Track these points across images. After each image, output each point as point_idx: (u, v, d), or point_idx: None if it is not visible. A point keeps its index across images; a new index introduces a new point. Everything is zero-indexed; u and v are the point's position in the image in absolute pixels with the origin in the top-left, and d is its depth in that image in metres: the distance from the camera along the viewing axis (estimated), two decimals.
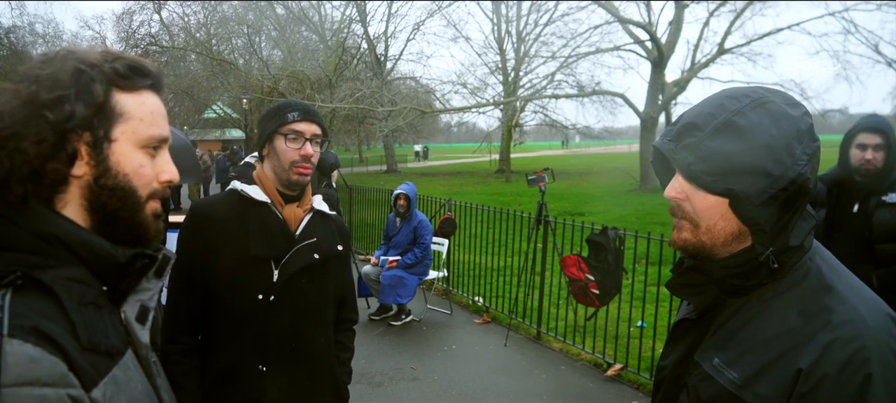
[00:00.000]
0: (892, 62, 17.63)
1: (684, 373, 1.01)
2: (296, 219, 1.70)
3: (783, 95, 0.95)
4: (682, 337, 1.06)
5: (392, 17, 28.52)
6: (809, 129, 0.92)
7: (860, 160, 2.79)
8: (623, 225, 4.92)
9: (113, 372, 0.77)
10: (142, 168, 0.86)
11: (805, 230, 0.94)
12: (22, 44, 24.74)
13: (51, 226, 0.77)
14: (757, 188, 0.88)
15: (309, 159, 1.64)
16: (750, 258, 0.92)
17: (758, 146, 0.88)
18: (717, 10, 19.58)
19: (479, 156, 39.53)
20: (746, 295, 0.96)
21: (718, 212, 0.93)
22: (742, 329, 0.93)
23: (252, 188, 1.67)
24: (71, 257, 0.78)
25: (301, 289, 1.66)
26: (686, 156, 0.93)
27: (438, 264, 6.33)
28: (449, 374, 4.58)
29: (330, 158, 6.60)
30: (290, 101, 1.68)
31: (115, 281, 0.84)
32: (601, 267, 4.46)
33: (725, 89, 0.98)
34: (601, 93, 24.28)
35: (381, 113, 20.32)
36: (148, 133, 0.86)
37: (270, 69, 25.26)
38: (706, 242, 0.96)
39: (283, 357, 1.65)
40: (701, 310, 1.03)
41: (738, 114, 0.91)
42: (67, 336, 0.72)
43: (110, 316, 0.82)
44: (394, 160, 32.99)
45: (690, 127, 0.94)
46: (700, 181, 0.92)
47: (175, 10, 26.35)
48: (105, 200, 0.82)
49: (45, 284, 0.73)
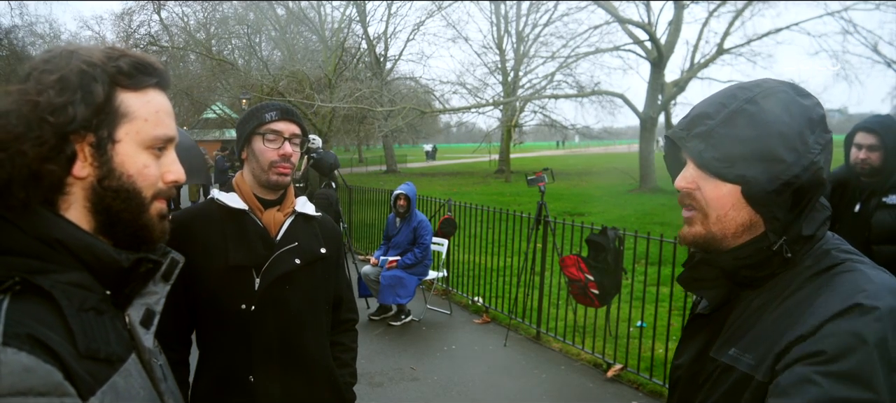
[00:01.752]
0: (891, 62, 17.64)
1: (701, 371, 0.99)
2: (276, 224, 1.66)
3: (794, 86, 0.94)
4: (697, 334, 1.05)
5: (392, 17, 28.56)
6: (821, 119, 0.91)
7: (856, 159, 2.81)
8: (622, 226, 4.93)
9: (113, 380, 0.76)
10: (146, 168, 0.84)
11: (818, 220, 0.92)
12: (22, 44, 24.73)
13: (54, 230, 0.76)
14: (770, 174, 0.87)
15: (288, 159, 1.61)
16: (762, 247, 0.91)
17: (770, 133, 0.88)
18: (717, 11, 19.59)
19: (478, 157, 39.53)
20: (759, 287, 0.94)
21: (730, 201, 0.92)
22: (757, 319, 0.92)
23: (229, 196, 1.64)
24: (73, 261, 0.77)
25: (284, 296, 1.63)
26: (697, 144, 0.92)
27: (438, 264, 6.34)
28: (448, 374, 4.58)
29: (329, 158, 6.60)
30: (267, 102, 1.65)
31: (118, 285, 0.83)
32: (601, 267, 4.47)
33: (736, 82, 0.97)
34: (600, 94, 24.25)
35: (380, 113, 20.31)
36: (153, 133, 0.84)
37: (270, 69, 25.25)
38: (716, 233, 0.94)
39: (271, 365, 1.62)
40: (715, 305, 1.01)
41: (750, 101, 0.90)
42: (65, 344, 0.71)
43: (112, 322, 0.81)
44: (393, 160, 32.99)
45: (702, 116, 0.94)
46: (712, 168, 0.91)
47: (174, 11, 26.35)
48: (109, 202, 0.81)
49: (44, 290, 0.72)
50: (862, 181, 2.85)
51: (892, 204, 2.75)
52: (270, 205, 1.66)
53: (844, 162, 2.92)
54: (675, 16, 18.70)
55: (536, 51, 27.53)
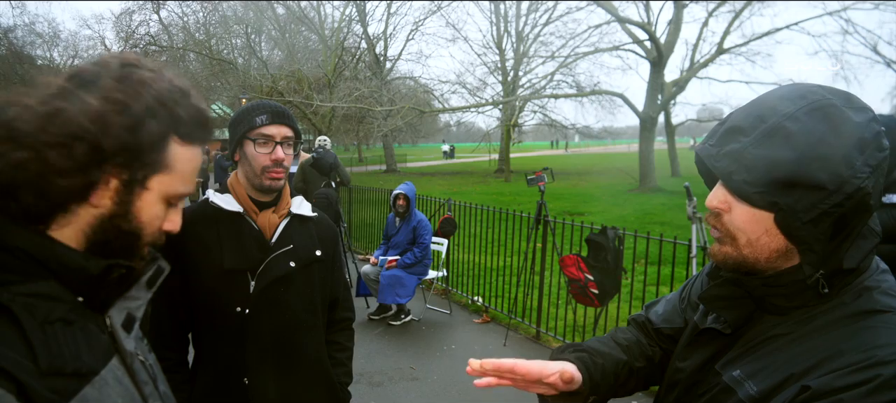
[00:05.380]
0: (891, 62, 17.66)
1: (702, 382, 0.94)
2: (271, 226, 1.65)
3: (848, 97, 0.82)
4: (706, 345, 0.98)
5: (391, 16, 28.57)
6: (876, 137, 0.79)
7: None
8: (622, 225, 4.93)
9: (83, 393, 0.72)
10: (157, 219, 0.82)
11: (864, 250, 0.83)
12: (22, 44, 24.72)
13: (15, 238, 0.71)
14: (806, 203, 0.78)
15: (281, 163, 1.58)
16: (797, 279, 0.83)
17: (810, 156, 0.77)
18: (716, 10, 19.61)
19: (478, 156, 39.53)
20: (785, 316, 0.87)
21: (763, 227, 0.84)
22: (773, 346, 0.85)
23: (224, 198, 1.62)
24: (38, 269, 0.72)
25: (280, 298, 1.62)
26: (728, 165, 0.83)
27: (438, 264, 6.34)
28: (448, 374, 4.58)
29: (329, 158, 6.60)
30: (258, 103, 1.61)
31: (90, 292, 0.78)
32: (600, 266, 4.47)
33: (781, 88, 0.86)
34: (600, 93, 24.28)
35: (379, 112, 20.31)
36: (180, 190, 0.83)
37: (270, 69, 25.26)
38: (748, 256, 0.87)
39: (266, 368, 1.61)
40: (735, 326, 0.93)
41: (791, 118, 0.79)
42: (24, 361, 0.67)
43: (84, 331, 0.76)
44: (393, 159, 32.98)
45: (735, 131, 0.84)
46: (742, 192, 0.82)
47: (174, 11, 26.36)
48: (110, 238, 0.78)
49: (2, 304, 0.68)
50: None
51: (891, 204, 2.76)
52: (266, 207, 1.65)
53: None
54: (674, 15, 18.70)
55: (536, 50, 27.54)
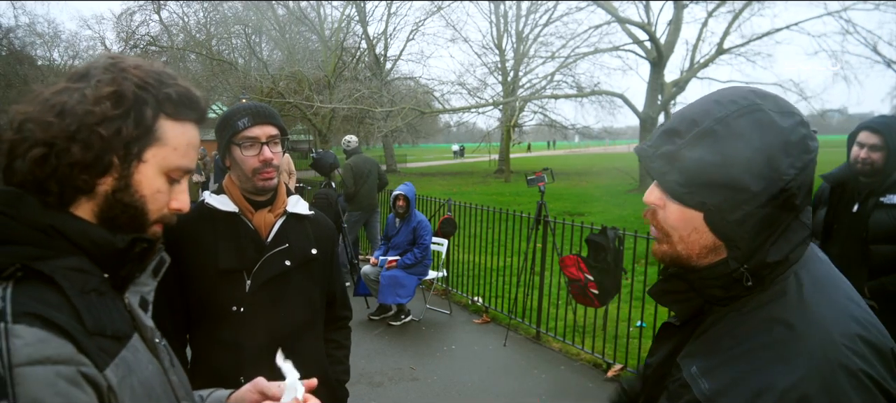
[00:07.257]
0: (891, 62, 17.65)
1: (667, 375, 0.99)
2: (267, 226, 1.65)
3: (776, 101, 0.88)
4: (668, 339, 1.05)
5: (391, 16, 28.55)
6: (802, 140, 0.84)
7: (856, 157, 2.81)
8: (622, 225, 4.93)
9: (122, 354, 0.79)
10: (159, 193, 0.87)
11: (792, 243, 0.88)
12: (22, 44, 24.71)
13: (47, 217, 0.78)
14: (732, 203, 0.84)
15: (270, 163, 1.58)
16: (725, 272, 0.89)
17: (736, 159, 0.83)
18: (716, 11, 19.61)
19: (478, 156, 39.52)
20: (729, 305, 0.93)
21: (692, 225, 0.90)
22: (722, 338, 0.90)
23: (219, 198, 1.63)
24: (70, 247, 0.79)
25: (275, 298, 1.63)
26: (662, 166, 0.90)
27: (438, 264, 6.34)
28: (448, 374, 4.58)
29: (329, 158, 6.60)
30: (239, 106, 1.61)
31: (115, 268, 0.85)
32: (600, 267, 4.47)
33: (719, 91, 0.92)
34: (600, 94, 24.27)
35: (379, 113, 20.31)
36: (177, 163, 0.88)
37: (270, 69, 25.23)
38: (682, 252, 0.93)
39: (262, 366, 1.62)
40: (684, 319, 1.01)
41: (721, 121, 0.85)
42: (72, 322, 0.73)
43: (114, 302, 0.84)
44: (393, 160, 32.98)
45: (671, 133, 0.90)
46: (674, 192, 0.89)
47: (174, 11, 26.34)
48: (116, 213, 0.84)
49: (45, 274, 0.74)
50: (860, 181, 2.86)
51: (890, 204, 2.76)
52: (261, 206, 1.65)
53: (846, 160, 2.93)
54: (674, 16, 18.71)
55: (536, 51, 27.56)
